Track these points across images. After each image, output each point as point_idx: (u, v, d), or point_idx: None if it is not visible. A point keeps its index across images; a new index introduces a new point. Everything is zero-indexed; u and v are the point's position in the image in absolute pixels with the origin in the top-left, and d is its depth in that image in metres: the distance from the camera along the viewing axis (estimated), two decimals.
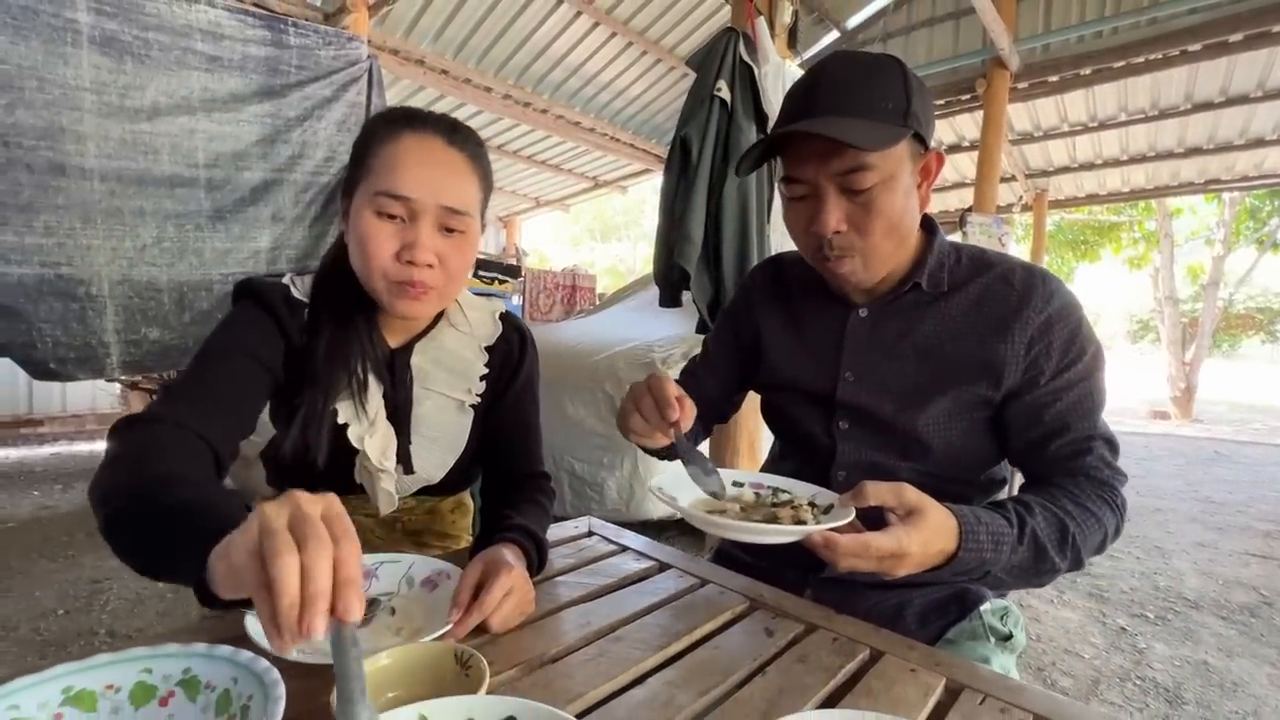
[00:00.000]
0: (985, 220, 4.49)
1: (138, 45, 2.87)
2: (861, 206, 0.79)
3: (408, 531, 0.94)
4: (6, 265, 2.64)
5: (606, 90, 5.70)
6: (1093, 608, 2.60)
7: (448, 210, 0.77)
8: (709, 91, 1.75)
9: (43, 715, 0.45)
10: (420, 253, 0.75)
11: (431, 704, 0.41)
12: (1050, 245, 10.88)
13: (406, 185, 0.75)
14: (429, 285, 0.78)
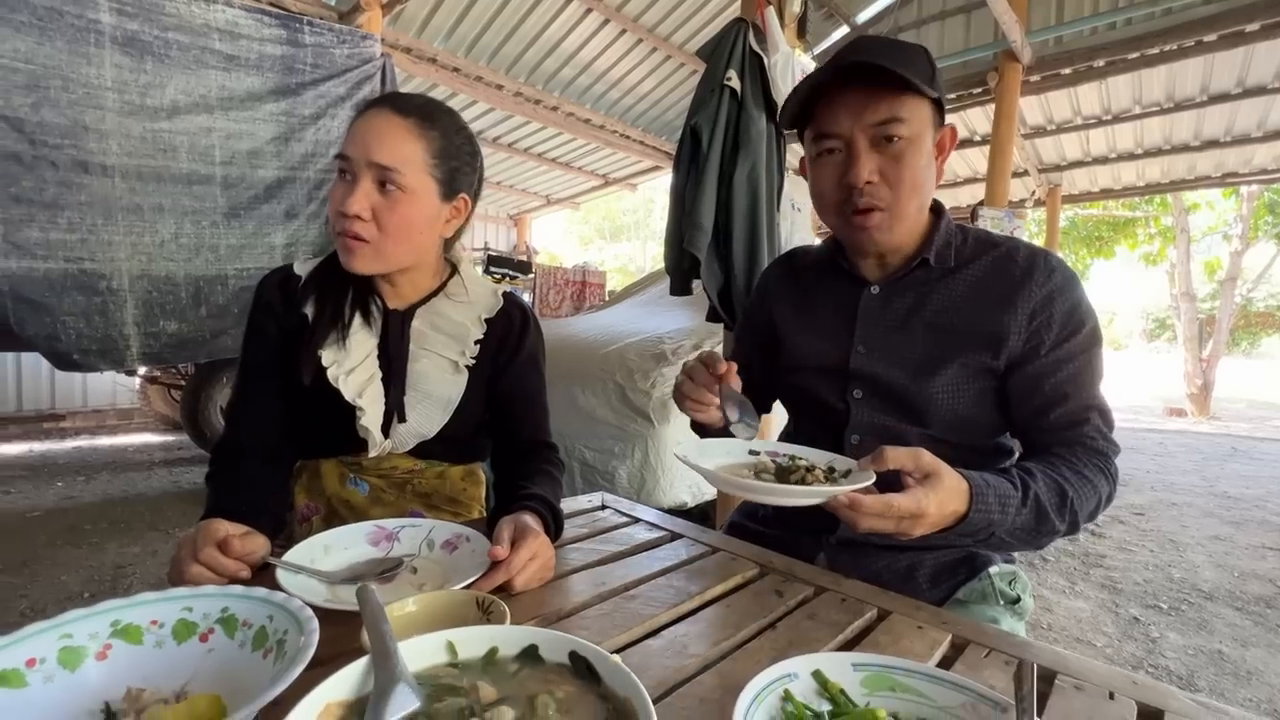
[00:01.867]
0: (997, 214, 4.47)
1: (158, 45, 2.92)
2: (892, 159, 0.84)
3: (418, 493, 0.98)
4: (33, 260, 2.70)
5: (616, 87, 5.72)
6: (1105, 598, 2.59)
7: (378, 166, 0.84)
8: (719, 81, 1.76)
9: (93, 645, 0.48)
10: (351, 203, 0.83)
11: (458, 631, 0.44)
12: (1064, 241, 10.77)
13: (348, 148, 0.85)
14: (362, 237, 0.85)
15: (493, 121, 6.27)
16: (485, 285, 1.03)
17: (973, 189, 7.11)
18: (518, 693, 0.39)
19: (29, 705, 0.43)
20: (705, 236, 1.71)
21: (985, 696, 0.47)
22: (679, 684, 0.55)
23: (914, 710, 0.48)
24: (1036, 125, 5.94)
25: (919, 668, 0.50)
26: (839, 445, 0.95)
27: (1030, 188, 7.17)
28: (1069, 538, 3.22)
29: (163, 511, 3.28)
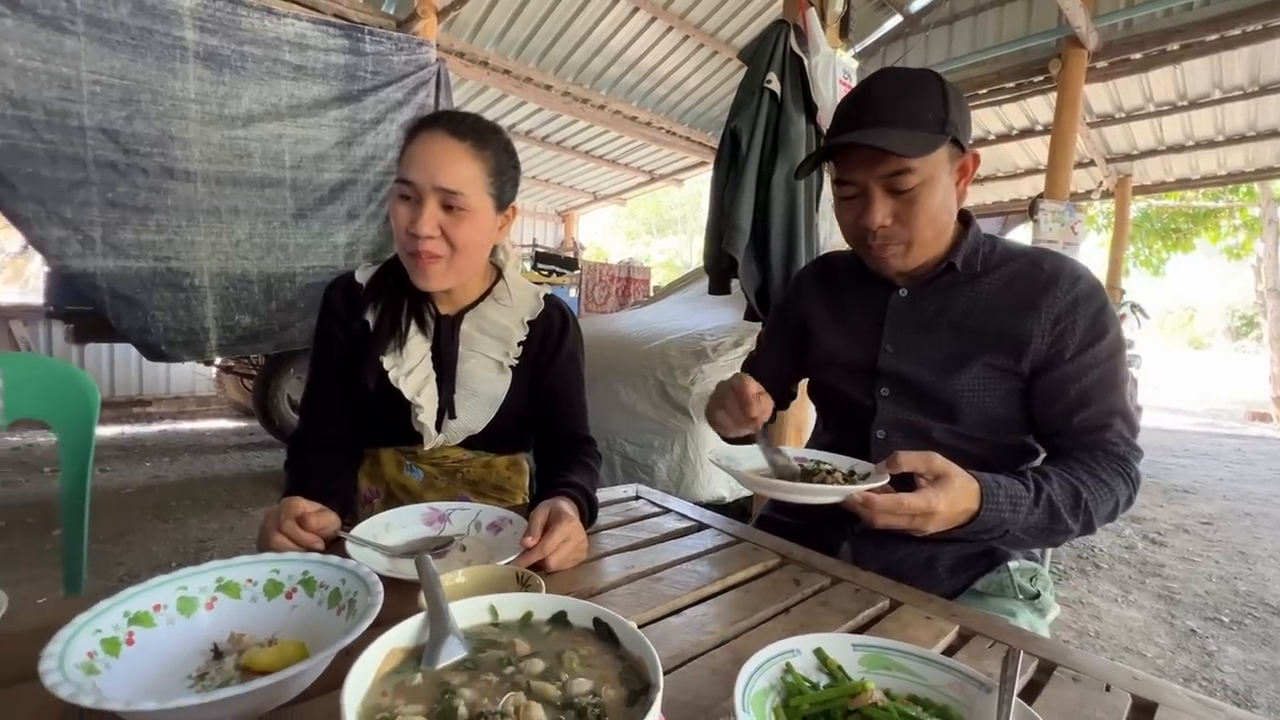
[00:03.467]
0: (1058, 207, 4.30)
1: (235, 58, 3.13)
2: (905, 203, 0.88)
3: (467, 481, 1.07)
4: (127, 259, 2.94)
5: (663, 84, 5.76)
6: (1160, 609, 2.50)
7: (443, 190, 0.91)
8: (759, 84, 1.79)
9: (203, 596, 0.57)
10: (421, 226, 0.90)
11: (498, 596, 0.51)
12: (1135, 234, 10.17)
13: (411, 172, 0.91)
14: (434, 254, 0.93)
15: (541, 121, 6.42)
16: (528, 289, 1.11)
17: (1034, 180, 6.82)
18: (548, 649, 0.46)
19: (157, 642, 0.53)
20: (743, 238, 1.75)
21: (971, 677, 0.51)
22: (695, 656, 0.61)
23: (906, 687, 0.52)
24: (1104, 113, 5.65)
25: (913, 650, 0.55)
26: (865, 440, 1.00)
27: (1097, 178, 6.82)
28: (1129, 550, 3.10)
29: (238, 491, 3.55)
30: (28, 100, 2.57)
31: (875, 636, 0.59)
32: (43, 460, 3.90)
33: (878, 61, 5.54)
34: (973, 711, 0.49)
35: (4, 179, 2.56)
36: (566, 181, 8.33)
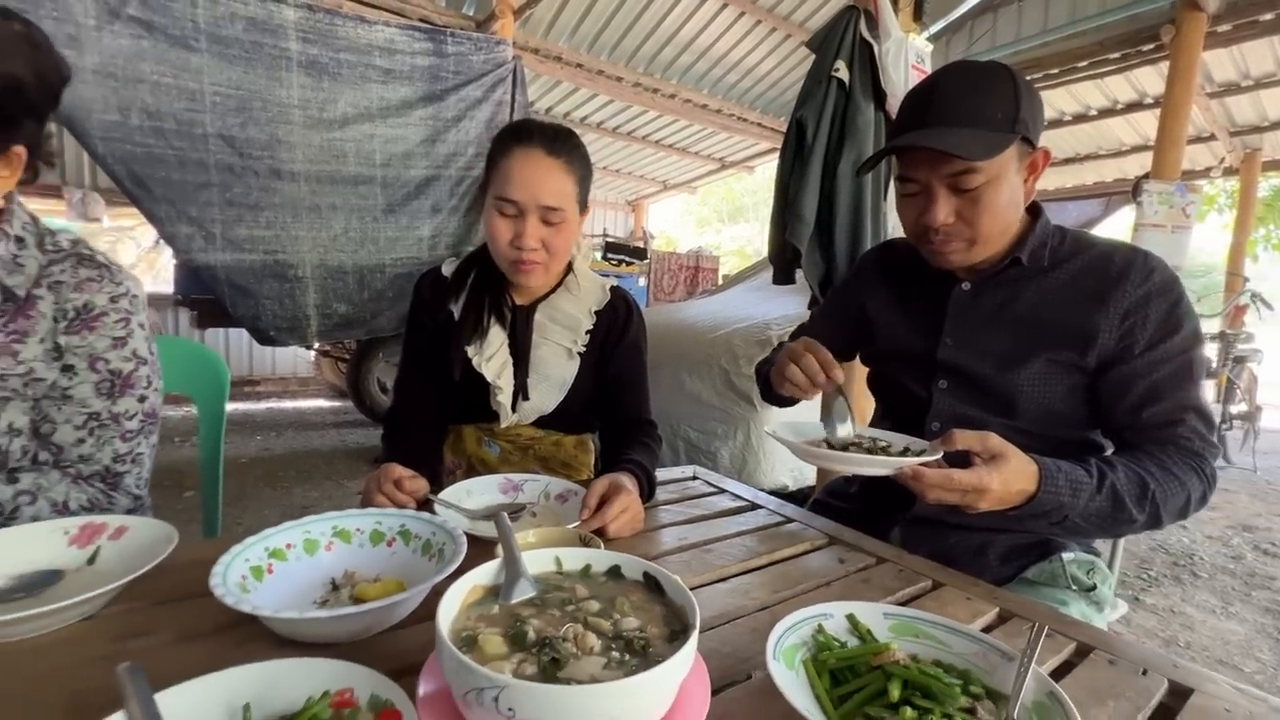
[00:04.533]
0: (1165, 188, 3.96)
1: (332, 65, 3.38)
2: (969, 201, 0.88)
3: (538, 457, 1.16)
4: (241, 253, 3.26)
5: (734, 70, 5.71)
6: (1267, 623, 2.31)
7: (546, 208, 1.00)
8: (826, 72, 1.78)
9: (323, 539, 0.69)
10: (527, 240, 1.00)
11: (562, 550, 0.59)
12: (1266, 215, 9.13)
13: (514, 191, 0.99)
14: (536, 262, 1.03)
15: (612, 112, 6.51)
16: (595, 280, 1.19)
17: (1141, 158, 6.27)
18: (603, 594, 0.53)
19: (288, 574, 0.65)
20: (807, 228, 1.76)
21: (995, 647, 0.54)
22: (737, 617, 0.67)
23: (931, 653, 0.56)
24: (1227, 82, 5.13)
25: (942, 620, 0.58)
26: (920, 431, 1.00)
27: (1218, 154, 6.19)
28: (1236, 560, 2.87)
29: (334, 464, 3.88)
30: (161, 112, 2.89)
31: (906, 608, 0.63)
32: (173, 431, 4.40)
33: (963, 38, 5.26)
34: (994, 678, 0.53)
35: (142, 183, 2.89)
36: (637, 171, 8.40)
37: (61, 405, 0.79)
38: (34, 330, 0.77)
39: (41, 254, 0.79)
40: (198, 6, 3.00)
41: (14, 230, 0.77)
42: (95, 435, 0.81)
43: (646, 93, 5.52)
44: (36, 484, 0.77)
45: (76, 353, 0.79)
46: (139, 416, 0.85)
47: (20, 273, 0.76)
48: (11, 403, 0.76)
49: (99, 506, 0.82)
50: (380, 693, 0.45)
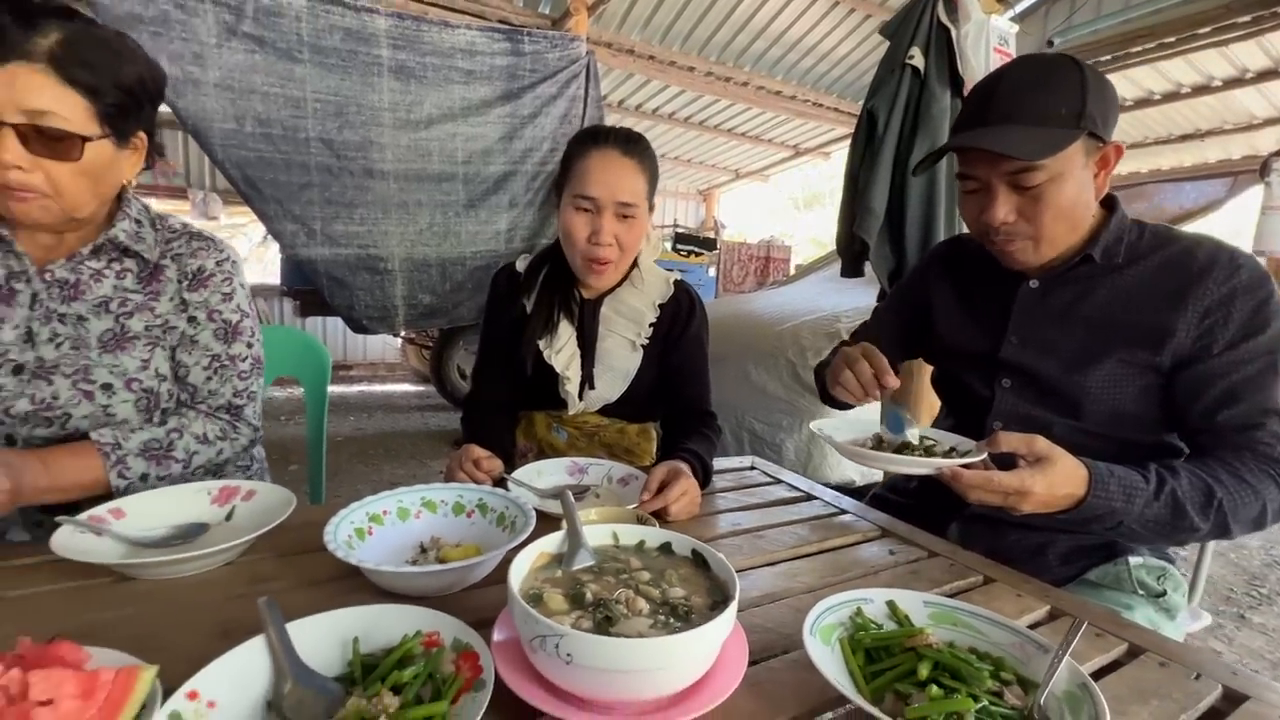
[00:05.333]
0: None
1: (419, 69, 3.57)
2: (1030, 200, 0.86)
3: (603, 443, 1.24)
4: (338, 247, 3.53)
5: (810, 55, 5.56)
6: None
7: (622, 204, 1.06)
8: (900, 60, 1.74)
9: (413, 508, 0.79)
10: (603, 236, 1.07)
11: (619, 525, 0.65)
12: None
13: (592, 189, 1.06)
14: (609, 259, 1.09)
15: (684, 102, 6.50)
16: (659, 274, 1.24)
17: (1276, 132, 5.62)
18: (654, 566, 0.59)
19: (385, 537, 0.75)
20: (876, 221, 1.73)
21: (1032, 639, 0.56)
22: (782, 597, 0.71)
23: (967, 641, 0.58)
24: None
25: (981, 611, 0.60)
26: (981, 430, 1.00)
27: None
28: None
29: (419, 444, 4.16)
30: (270, 119, 3.17)
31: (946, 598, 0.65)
32: (279, 410, 4.84)
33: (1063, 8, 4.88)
34: (1027, 667, 0.55)
35: (253, 184, 3.19)
36: (708, 160, 8.35)
37: (191, 350, 0.96)
38: (164, 290, 0.94)
39: (154, 232, 0.96)
40: (302, 21, 3.25)
41: (132, 213, 0.93)
42: (218, 374, 0.97)
43: (719, 82, 5.47)
44: (180, 422, 0.92)
45: (197, 306, 0.96)
46: (249, 360, 1.01)
47: (143, 242, 0.93)
48: (157, 349, 0.93)
49: (228, 436, 0.97)
50: (461, 637, 0.52)
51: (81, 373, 0.86)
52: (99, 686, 0.41)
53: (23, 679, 0.39)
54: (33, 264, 0.86)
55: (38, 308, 0.86)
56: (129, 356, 0.89)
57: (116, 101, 0.82)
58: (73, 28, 0.79)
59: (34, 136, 0.76)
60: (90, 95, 0.79)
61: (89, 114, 0.80)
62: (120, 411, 0.89)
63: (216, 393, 0.97)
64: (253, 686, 0.47)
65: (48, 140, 0.77)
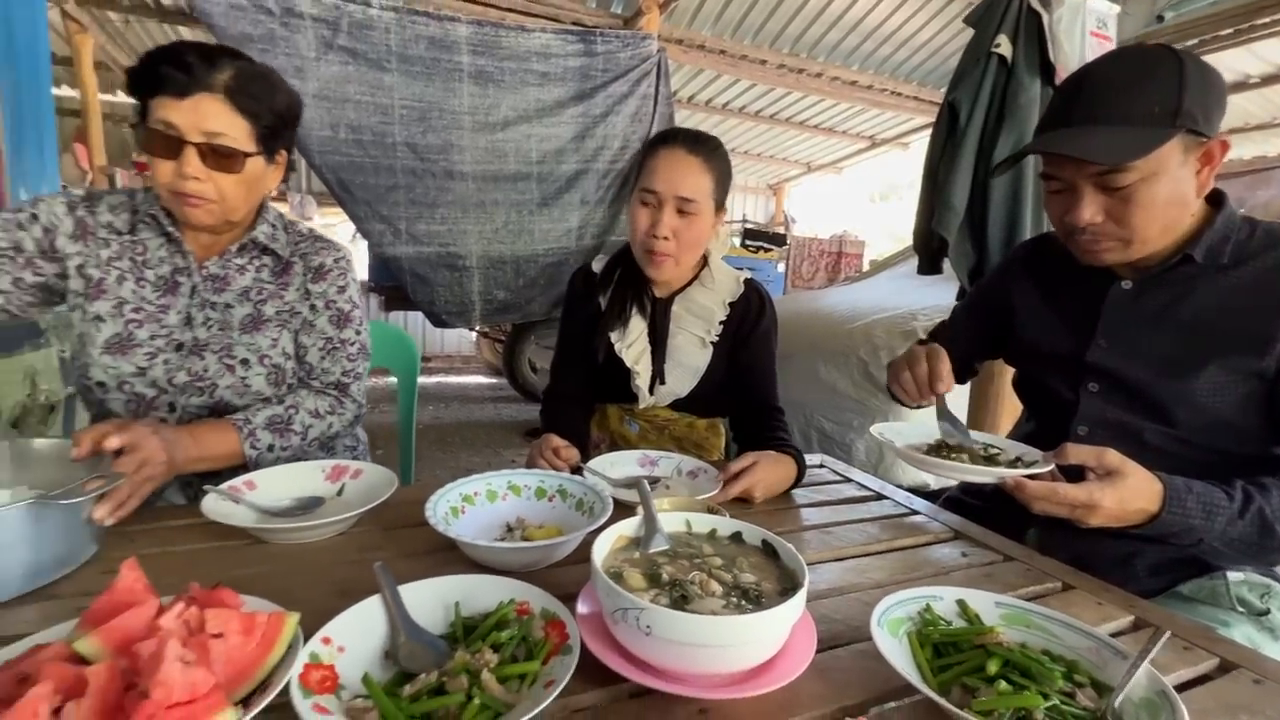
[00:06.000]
0: None
1: (496, 73, 3.71)
2: (1120, 200, 0.83)
3: (673, 437, 1.28)
4: (420, 245, 3.73)
5: (888, 43, 5.37)
6: None
7: (681, 199, 1.10)
8: (985, 49, 1.67)
9: (500, 491, 0.85)
10: (660, 229, 1.11)
11: (691, 514, 0.69)
12: None
13: (655, 182, 1.11)
14: (666, 253, 1.12)
15: (755, 96, 6.42)
16: (729, 274, 1.27)
17: None
18: (726, 554, 0.62)
19: (475, 515, 0.82)
20: (956, 218, 1.68)
21: (1110, 645, 0.55)
22: (850, 591, 0.73)
23: (1040, 643, 0.58)
24: None
25: (1055, 614, 0.60)
26: (1064, 435, 0.96)
27: None
28: None
29: (492, 434, 4.34)
30: (361, 126, 3.39)
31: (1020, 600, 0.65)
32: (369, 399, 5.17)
33: None
34: (1103, 672, 0.54)
35: (346, 187, 3.42)
36: (779, 154, 8.21)
37: (310, 333, 1.10)
38: (292, 282, 1.09)
39: (285, 234, 1.12)
40: (390, 33, 3.45)
41: (269, 218, 1.09)
42: (330, 355, 1.11)
43: (791, 74, 5.38)
44: (295, 399, 1.06)
45: (317, 296, 1.11)
46: (356, 345, 1.14)
47: (277, 243, 1.09)
48: (284, 332, 1.07)
49: (335, 411, 1.10)
50: (548, 607, 0.58)
51: (226, 350, 1.02)
52: (256, 626, 0.48)
53: (199, 615, 0.47)
54: (195, 261, 1.02)
55: (195, 297, 1.02)
56: (262, 337, 1.05)
57: (270, 125, 0.98)
58: (241, 65, 0.95)
59: (209, 153, 0.92)
60: (252, 120, 0.95)
61: (250, 135, 0.96)
62: (254, 383, 1.04)
63: (328, 371, 1.11)
64: (373, 637, 0.54)
65: (219, 156, 0.93)
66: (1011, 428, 1.24)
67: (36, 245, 0.96)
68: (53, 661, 0.41)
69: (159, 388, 0.98)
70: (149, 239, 1.01)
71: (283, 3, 3.11)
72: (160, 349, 0.99)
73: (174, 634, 0.42)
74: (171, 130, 0.89)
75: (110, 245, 0.99)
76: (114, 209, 1.01)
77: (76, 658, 0.43)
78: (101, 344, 0.96)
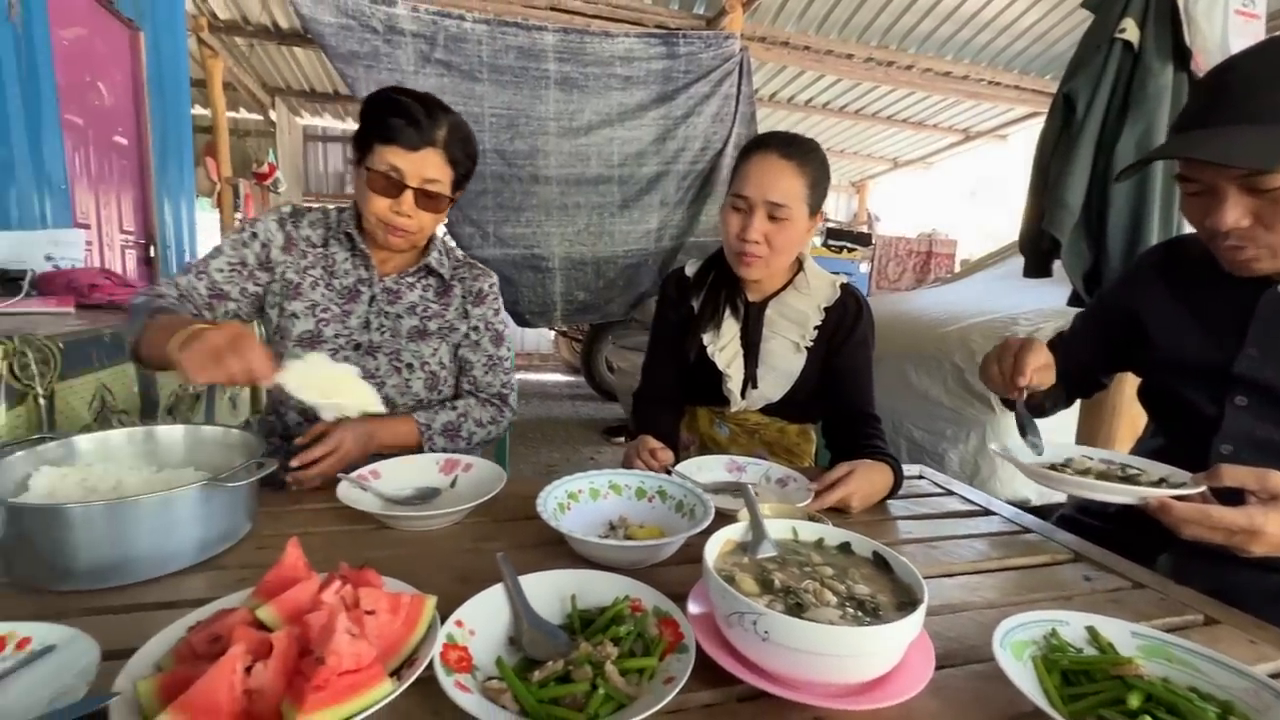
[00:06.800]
0: None
1: (580, 79, 3.80)
2: (1270, 202, 0.75)
3: (763, 441, 1.27)
4: (506, 248, 3.88)
5: (987, 30, 5.07)
6: None
7: (772, 204, 1.09)
8: (1108, 35, 1.55)
9: (601, 489, 0.88)
10: (750, 233, 1.11)
11: (799, 522, 0.68)
12: None
13: (746, 188, 1.11)
14: (756, 255, 1.13)
15: (839, 91, 6.23)
16: (825, 278, 1.24)
17: None
18: (836, 564, 0.62)
19: (580, 512, 0.85)
20: (1071, 217, 1.56)
21: (1270, 686, 0.51)
22: (962, 609, 0.70)
23: (1185, 680, 0.54)
24: None
25: (1202, 649, 0.56)
26: (1204, 453, 0.89)
27: None
28: None
29: (571, 431, 4.46)
30: None
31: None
32: None
33: None
34: (1265, 716, 0.50)
35: None
36: (863, 150, 7.92)
37: (474, 351, 1.24)
38: (452, 302, 1.23)
39: (448, 259, 1.25)
40: (482, 44, 3.60)
41: (437, 245, 1.23)
42: (492, 370, 1.25)
43: (879, 67, 5.18)
44: (465, 407, 1.19)
45: (477, 318, 1.24)
46: (509, 361, 1.29)
47: (443, 266, 1.22)
48: (443, 344, 1.21)
49: (497, 420, 1.23)
50: (660, 605, 0.60)
51: (395, 354, 1.17)
52: (401, 606, 0.53)
53: (354, 593, 0.52)
54: (378, 275, 1.17)
55: (374, 305, 1.17)
56: (425, 346, 1.19)
57: (465, 170, 1.14)
58: (452, 120, 1.09)
59: (421, 196, 1.07)
60: (454, 167, 1.10)
61: (452, 180, 1.11)
62: (414, 386, 1.18)
63: (491, 384, 1.25)
64: (498, 622, 0.58)
65: (428, 198, 1.08)
66: (1134, 443, 1.14)
67: (256, 259, 1.12)
68: (242, 625, 0.47)
69: None
70: (337, 252, 1.17)
71: (386, 21, 3.33)
72: (342, 346, 1.14)
73: (340, 609, 0.47)
74: (395, 174, 1.04)
75: (307, 256, 1.15)
76: (312, 225, 1.17)
77: (257, 623, 0.49)
78: (295, 337, 1.12)
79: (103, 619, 0.60)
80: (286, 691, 0.43)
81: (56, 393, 1.18)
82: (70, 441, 0.80)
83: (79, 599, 0.63)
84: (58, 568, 0.63)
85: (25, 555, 0.64)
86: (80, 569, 0.64)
